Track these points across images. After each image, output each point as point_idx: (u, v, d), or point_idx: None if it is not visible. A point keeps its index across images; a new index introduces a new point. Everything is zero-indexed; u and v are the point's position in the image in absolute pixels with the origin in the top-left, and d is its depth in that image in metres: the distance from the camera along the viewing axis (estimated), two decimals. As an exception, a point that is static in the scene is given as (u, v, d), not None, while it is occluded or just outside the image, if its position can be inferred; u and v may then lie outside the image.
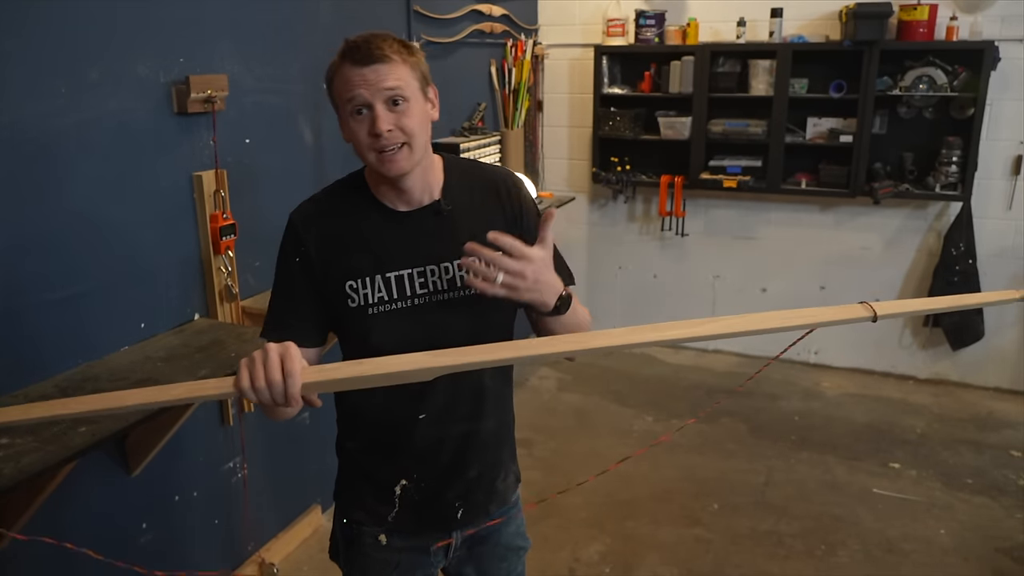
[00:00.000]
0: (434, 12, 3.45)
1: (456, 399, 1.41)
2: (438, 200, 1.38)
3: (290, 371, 1.10)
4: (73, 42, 1.91)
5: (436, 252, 1.36)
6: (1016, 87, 3.83)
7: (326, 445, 3.05)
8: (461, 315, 1.36)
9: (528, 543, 1.64)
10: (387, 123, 1.27)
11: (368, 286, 1.35)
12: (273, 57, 2.58)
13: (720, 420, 3.88)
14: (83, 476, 2.01)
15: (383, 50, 1.26)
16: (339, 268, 1.36)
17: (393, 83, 1.27)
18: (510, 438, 1.57)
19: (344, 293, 1.36)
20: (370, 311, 1.35)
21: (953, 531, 2.96)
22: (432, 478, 1.44)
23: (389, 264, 1.35)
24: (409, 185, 1.35)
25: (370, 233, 1.37)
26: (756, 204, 4.49)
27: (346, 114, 1.30)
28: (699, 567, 2.77)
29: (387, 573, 1.50)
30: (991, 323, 4.11)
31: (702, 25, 4.27)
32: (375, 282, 1.35)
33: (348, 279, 1.36)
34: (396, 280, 1.35)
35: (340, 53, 1.29)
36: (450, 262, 1.36)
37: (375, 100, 1.27)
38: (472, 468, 1.44)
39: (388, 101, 1.27)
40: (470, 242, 1.24)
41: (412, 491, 1.44)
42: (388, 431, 1.44)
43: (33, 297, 1.89)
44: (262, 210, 2.58)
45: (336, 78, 1.30)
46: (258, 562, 2.72)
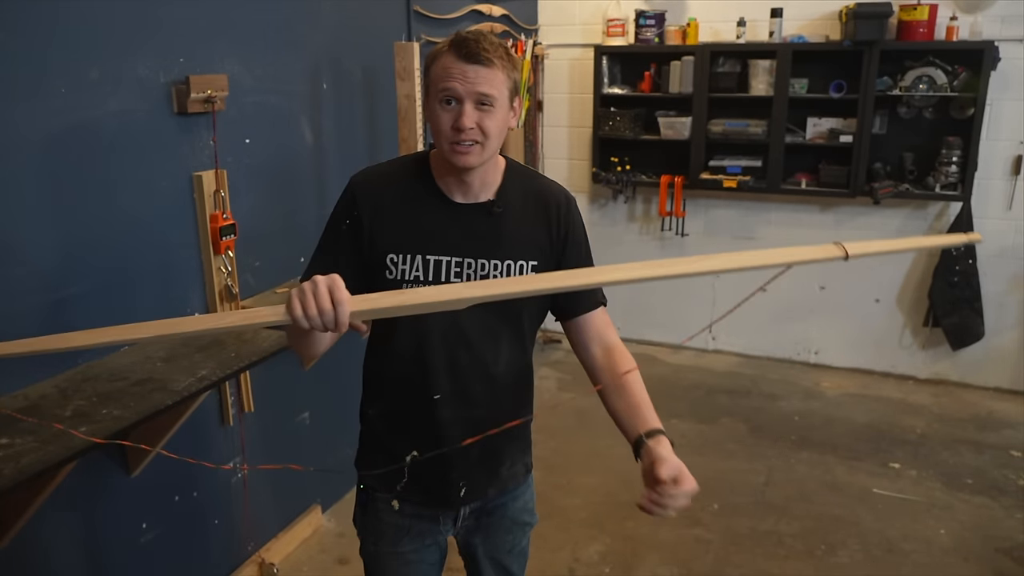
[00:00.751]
0: (434, 12, 3.45)
1: (468, 385, 1.48)
2: (492, 200, 1.45)
3: (339, 299, 1.16)
4: (73, 42, 1.91)
5: (479, 247, 1.44)
6: (1016, 87, 3.83)
7: (326, 445, 3.07)
8: (482, 311, 1.40)
9: (535, 519, 1.70)
10: (471, 120, 1.34)
11: (408, 263, 1.43)
12: (273, 57, 2.58)
13: (720, 420, 3.88)
14: (83, 476, 2.01)
15: (488, 53, 1.34)
16: (386, 239, 1.43)
17: (487, 88, 1.35)
18: (522, 432, 1.62)
19: (384, 264, 1.43)
20: (404, 286, 1.42)
21: (953, 531, 2.96)
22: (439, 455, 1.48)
23: (433, 248, 1.43)
24: (471, 179, 1.43)
25: (422, 215, 1.44)
26: (756, 204, 4.49)
27: (435, 99, 1.36)
28: (699, 567, 2.77)
29: (399, 537, 1.58)
30: (991, 323, 4.11)
31: (702, 25, 4.27)
32: (415, 260, 1.43)
33: (391, 252, 1.43)
34: (435, 264, 1.43)
35: (449, 42, 1.36)
36: (487, 260, 1.43)
37: (466, 97, 1.34)
38: (473, 450, 1.47)
39: (477, 101, 1.35)
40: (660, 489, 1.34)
41: (420, 464, 1.48)
42: (405, 403, 1.51)
43: (33, 297, 1.89)
44: (262, 210, 2.58)
45: (437, 64, 1.37)
46: (258, 562, 2.72)
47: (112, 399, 1.83)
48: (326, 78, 2.83)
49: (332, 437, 3.09)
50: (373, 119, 3.12)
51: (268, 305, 2.04)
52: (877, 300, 4.36)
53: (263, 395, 2.66)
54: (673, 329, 4.81)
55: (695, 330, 4.79)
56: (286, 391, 2.82)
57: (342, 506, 3.16)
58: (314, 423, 2.97)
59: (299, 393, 2.89)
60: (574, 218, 1.52)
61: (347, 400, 3.15)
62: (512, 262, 1.45)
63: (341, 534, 2.99)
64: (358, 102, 3.03)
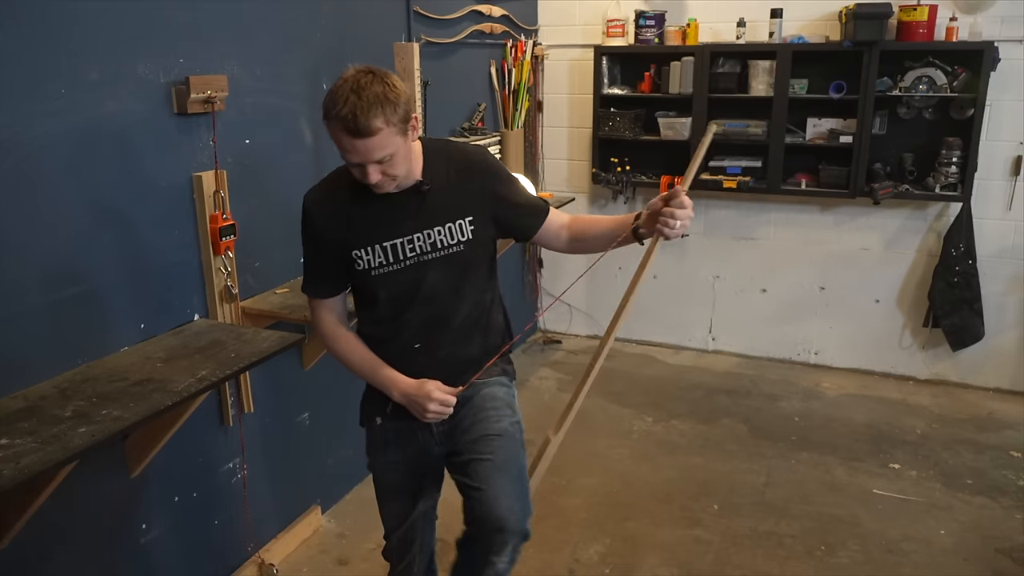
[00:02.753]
0: (434, 12, 3.45)
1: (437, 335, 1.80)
2: (420, 181, 1.72)
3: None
4: (73, 42, 1.91)
5: (420, 223, 1.72)
6: (1016, 87, 3.83)
7: (326, 445, 3.06)
8: (442, 269, 1.74)
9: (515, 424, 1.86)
10: (375, 176, 1.60)
11: (369, 253, 1.72)
12: (273, 57, 2.58)
13: (720, 421, 3.88)
14: (83, 476, 2.01)
15: (372, 125, 1.52)
16: (344, 240, 1.73)
17: (380, 153, 1.57)
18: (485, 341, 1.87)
19: (351, 258, 1.74)
20: (373, 273, 1.73)
21: (953, 532, 2.96)
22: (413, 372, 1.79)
23: (383, 236, 1.72)
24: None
25: (369, 210, 1.71)
26: (756, 205, 4.49)
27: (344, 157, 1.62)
28: (699, 568, 2.77)
29: (385, 448, 1.92)
30: (991, 324, 4.11)
31: (702, 26, 4.27)
32: (374, 250, 1.72)
33: (352, 248, 1.73)
34: (391, 248, 1.72)
35: (334, 117, 1.54)
36: (431, 229, 1.72)
37: (367, 162, 1.58)
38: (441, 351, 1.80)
39: (377, 161, 1.58)
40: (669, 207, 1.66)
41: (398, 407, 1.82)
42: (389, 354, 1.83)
43: (33, 297, 1.89)
44: (262, 210, 2.58)
45: (330, 131, 1.57)
46: (258, 563, 2.72)
47: (112, 399, 1.83)
48: (326, 78, 2.83)
49: (332, 438, 3.10)
50: (373, 119, 3.11)
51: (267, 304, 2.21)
52: (877, 300, 4.36)
53: (263, 395, 2.66)
54: (673, 330, 4.81)
55: (695, 331, 4.80)
56: (286, 391, 2.82)
57: (342, 506, 3.16)
58: (314, 423, 2.97)
59: (299, 393, 2.89)
60: (488, 165, 1.80)
61: (347, 400, 3.15)
62: (452, 223, 1.73)
63: (341, 534, 2.99)
64: (358, 102, 3.03)
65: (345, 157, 1.60)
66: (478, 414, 1.83)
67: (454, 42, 3.65)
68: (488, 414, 1.83)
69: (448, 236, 1.73)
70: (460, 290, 1.77)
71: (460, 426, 1.83)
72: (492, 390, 1.87)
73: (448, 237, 1.73)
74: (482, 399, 1.84)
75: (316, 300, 1.84)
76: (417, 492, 1.94)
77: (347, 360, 1.84)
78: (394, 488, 1.94)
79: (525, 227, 1.86)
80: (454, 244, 1.73)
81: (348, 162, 1.61)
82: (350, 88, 1.52)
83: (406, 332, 1.78)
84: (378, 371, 1.80)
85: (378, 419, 1.88)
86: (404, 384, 1.76)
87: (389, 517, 1.97)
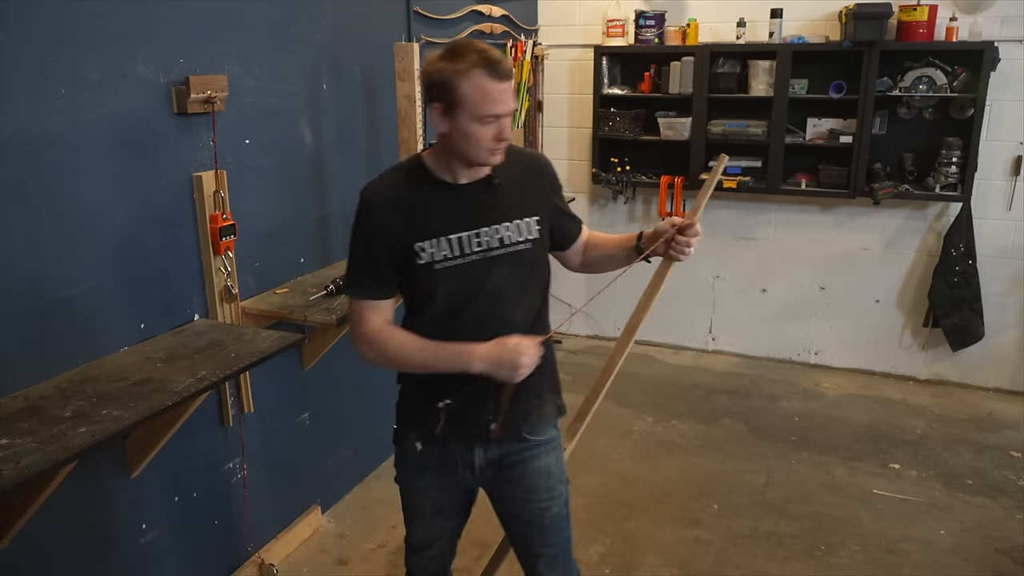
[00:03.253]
0: (434, 12, 3.45)
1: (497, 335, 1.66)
2: (491, 175, 1.66)
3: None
4: (73, 42, 1.91)
5: (490, 217, 1.66)
6: (1016, 87, 3.83)
7: (326, 445, 3.06)
8: (508, 266, 1.67)
9: (565, 491, 1.85)
10: (510, 132, 1.60)
11: (434, 246, 1.63)
12: (273, 57, 2.58)
13: (720, 421, 3.88)
14: (83, 476, 2.01)
15: (510, 71, 1.55)
16: (407, 232, 1.63)
17: (514, 103, 1.58)
18: (550, 371, 1.83)
19: (414, 251, 1.63)
20: (436, 266, 1.64)
21: (953, 532, 2.96)
22: (472, 396, 1.70)
23: (450, 228, 1.64)
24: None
25: (433, 203, 1.65)
26: (756, 205, 4.49)
27: (473, 117, 1.53)
28: (699, 568, 2.77)
29: (421, 473, 1.81)
30: (991, 324, 4.11)
31: (702, 26, 4.27)
32: (439, 242, 1.63)
33: (416, 241, 1.63)
34: (457, 240, 1.64)
35: (474, 62, 1.51)
36: (500, 224, 1.66)
37: (508, 112, 1.56)
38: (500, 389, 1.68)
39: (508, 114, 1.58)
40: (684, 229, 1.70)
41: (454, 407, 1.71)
42: None
43: (33, 297, 1.89)
44: (262, 210, 2.58)
45: (469, 83, 1.51)
46: (258, 563, 2.72)
47: (112, 399, 1.83)
48: (326, 78, 2.83)
49: (332, 438, 3.10)
50: (373, 119, 3.12)
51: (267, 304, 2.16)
52: (877, 301, 4.36)
53: (263, 396, 2.66)
54: (673, 330, 4.81)
55: (695, 331, 4.80)
56: (286, 392, 2.82)
57: (342, 506, 3.16)
58: (314, 423, 2.97)
59: (299, 394, 2.89)
60: (550, 169, 1.80)
61: (347, 401, 3.16)
62: (520, 221, 1.68)
63: (341, 534, 2.99)
64: (358, 102, 3.03)
65: (487, 110, 1.52)
66: (530, 495, 1.79)
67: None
68: (541, 497, 1.79)
69: (516, 233, 1.67)
70: (521, 290, 1.71)
71: (509, 481, 1.79)
72: (546, 462, 1.79)
73: (516, 234, 1.67)
74: (536, 473, 1.78)
75: (363, 302, 1.68)
76: (448, 515, 1.88)
77: (404, 354, 1.66)
78: (425, 510, 1.86)
79: (569, 236, 1.84)
80: (521, 242, 1.68)
81: (488, 116, 1.53)
82: (466, 44, 1.53)
83: (462, 330, 1.65)
84: (443, 349, 1.63)
85: (418, 445, 1.77)
86: (481, 349, 1.60)
87: (417, 533, 1.89)
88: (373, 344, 1.68)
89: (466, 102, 1.52)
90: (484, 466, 1.77)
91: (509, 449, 1.76)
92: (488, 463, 1.77)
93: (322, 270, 2.90)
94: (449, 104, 1.53)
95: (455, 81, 1.51)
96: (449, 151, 1.61)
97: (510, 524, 1.87)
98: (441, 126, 1.58)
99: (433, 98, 1.56)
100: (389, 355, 1.68)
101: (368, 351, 1.70)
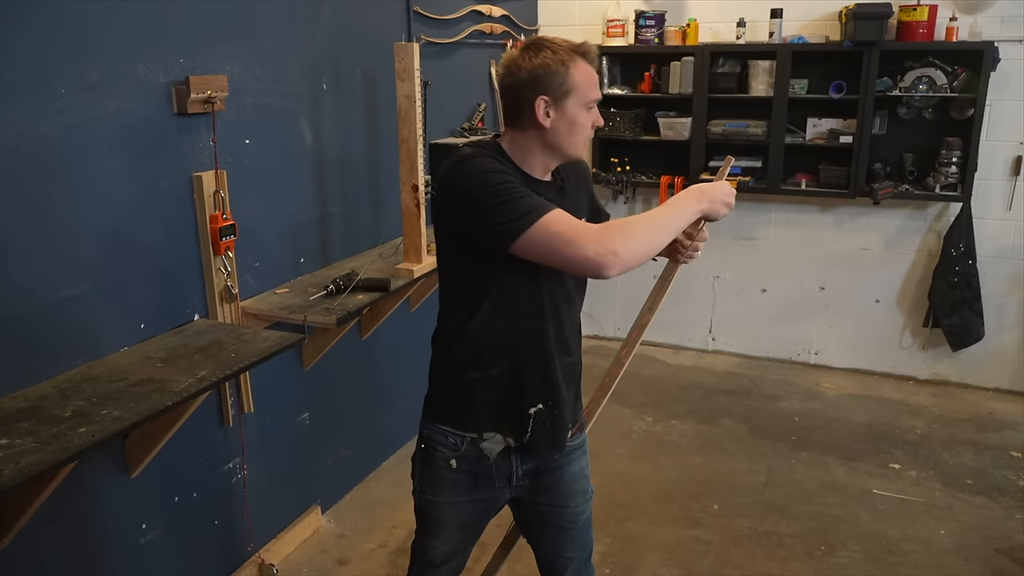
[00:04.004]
0: (434, 12, 3.45)
1: (566, 334, 1.70)
2: (558, 176, 1.69)
3: None
4: (73, 42, 1.91)
5: None
6: (1016, 87, 3.83)
7: (326, 445, 3.06)
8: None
9: (592, 490, 1.87)
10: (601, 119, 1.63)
11: None
12: (273, 57, 2.58)
13: (720, 421, 3.88)
14: (83, 476, 2.01)
15: (597, 59, 1.60)
16: None
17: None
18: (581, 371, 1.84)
19: None
20: None
21: (953, 532, 2.96)
22: (556, 400, 1.69)
23: None
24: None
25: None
26: (756, 205, 4.49)
27: (579, 101, 1.55)
28: (699, 568, 2.77)
29: (454, 489, 1.74)
30: (991, 324, 4.11)
31: (702, 26, 4.27)
32: None
33: None
34: None
35: (574, 50, 1.54)
36: None
37: (600, 99, 1.61)
38: (571, 393, 1.74)
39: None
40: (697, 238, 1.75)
41: (545, 413, 1.68)
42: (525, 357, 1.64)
43: (33, 297, 1.89)
44: (262, 210, 2.58)
45: (577, 71, 1.54)
46: (257, 563, 2.72)
47: (112, 399, 1.83)
48: (326, 78, 2.83)
49: (332, 438, 3.10)
50: (373, 119, 3.12)
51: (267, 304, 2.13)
52: (877, 301, 4.36)
53: (263, 396, 2.66)
54: (673, 330, 4.81)
55: (695, 331, 4.80)
56: (286, 392, 2.82)
57: (342, 506, 3.16)
58: (314, 424, 2.97)
59: (299, 394, 2.89)
60: (589, 171, 1.87)
61: (347, 401, 3.16)
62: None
63: (341, 534, 2.99)
64: (358, 102, 3.03)
65: (594, 95, 1.56)
66: (567, 500, 1.80)
67: (454, 42, 3.65)
68: (577, 501, 1.81)
69: None
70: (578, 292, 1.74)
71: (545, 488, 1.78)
72: (580, 466, 1.81)
73: None
74: (572, 478, 1.80)
75: (557, 212, 1.47)
76: (475, 529, 1.83)
77: (644, 222, 1.49)
78: (453, 525, 1.78)
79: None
80: None
81: (592, 101, 1.56)
82: (549, 38, 1.57)
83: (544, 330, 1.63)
84: (672, 201, 1.56)
85: (453, 462, 1.71)
86: (704, 187, 1.59)
87: (440, 547, 1.79)
88: (614, 230, 1.45)
89: (577, 88, 1.53)
90: (521, 476, 1.74)
91: (545, 457, 1.75)
92: (525, 473, 1.74)
93: (322, 270, 2.90)
94: (558, 94, 1.53)
95: (565, 70, 1.52)
96: (542, 145, 1.58)
97: (543, 531, 1.84)
98: (543, 120, 1.54)
99: (537, 92, 1.53)
100: (635, 229, 1.46)
101: (618, 242, 1.42)
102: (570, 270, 1.52)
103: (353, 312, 2.50)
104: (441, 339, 1.71)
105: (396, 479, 3.33)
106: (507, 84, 1.57)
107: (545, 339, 1.64)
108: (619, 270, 1.42)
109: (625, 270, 1.44)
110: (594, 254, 1.41)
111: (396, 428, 3.48)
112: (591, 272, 1.45)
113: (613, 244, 1.41)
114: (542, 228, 1.43)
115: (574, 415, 1.78)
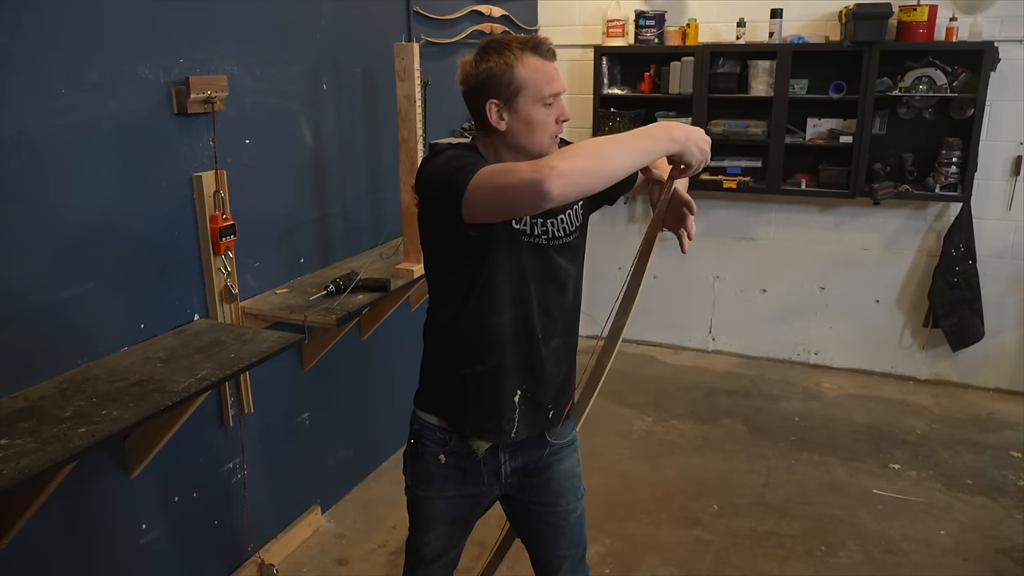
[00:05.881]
0: (434, 13, 3.45)
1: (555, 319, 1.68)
2: None
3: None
4: (73, 42, 1.91)
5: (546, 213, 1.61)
6: (1016, 87, 3.83)
7: (326, 445, 3.06)
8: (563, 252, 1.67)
9: (584, 488, 1.87)
10: (568, 112, 1.61)
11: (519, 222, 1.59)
12: (273, 57, 2.58)
13: (720, 421, 3.88)
14: (83, 476, 2.01)
15: (555, 51, 1.58)
16: None
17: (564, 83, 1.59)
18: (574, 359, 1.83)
19: None
20: (522, 237, 1.60)
21: (953, 532, 2.96)
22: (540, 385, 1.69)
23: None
24: None
25: None
26: (756, 205, 4.49)
27: (535, 100, 1.53)
28: (699, 568, 2.77)
29: (443, 484, 1.75)
30: (991, 324, 4.11)
31: (702, 26, 4.27)
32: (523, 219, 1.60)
33: None
34: (530, 221, 1.61)
35: (521, 46, 1.52)
36: (555, 217, 1.64)
37: (562, 92, 1.57)
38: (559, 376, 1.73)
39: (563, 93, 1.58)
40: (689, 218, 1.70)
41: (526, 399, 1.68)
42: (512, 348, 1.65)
43: (33, 297, 1.89)
44: (262, 210, 2.58)
45: (525, 67, 1.52)
46: (258, 563, 2.72)
47: (112, 399, 1.83)
48: (326, 78, 2.83)
49: (332, 438, 3.10)
50: (373, 119, 3.12)
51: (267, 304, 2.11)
52: (877, 301, 4.36)
53: (263, 396, 2.66)
54: (673, 330, 4.81)
55: (695, 331, 4.80)
56: (286, 392, 2.82)
57: (342, 506, 3.16)
58: (314, 423, 2.97)
59: (299, 394, 2.89)
60: None
61: (347, 401, 3.16)
62: (571, 210, 1.67)
63: (341, 534, 2.99)
64: (358, 102, 3.03)
65: (548, 90, 1.53)
66: (558, 499, 1.80)
67: (454, 42, 3.65)
68: (568, 500, 1.81)
69: (568, 221, 1.67)
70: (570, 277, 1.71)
71: (536, 487, 1.78)
72: (570, 464, 1.81)
73: (568, 221, 1.67)
74: (562, 476, 1.79)
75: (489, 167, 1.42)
76: (465, 525, 1.84)
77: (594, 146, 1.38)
78: (444, 521, 1.79)
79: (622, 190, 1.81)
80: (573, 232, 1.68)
81: (549, 96, 1.53)
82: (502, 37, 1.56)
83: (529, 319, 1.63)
84: (639, 130, 1.45)
85: (441, 457, 1.72)
86: (679, 124, 1.49)
87: (432, 544, 1.81)
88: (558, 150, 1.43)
89: (526, 86, 1.51)
90: (510, 472, 1.75)
91: (533, 455, 1.75)
92: (514, 469, 1.75)
93: (322, 270, 2.90)
94: (507, 95, 1.51)
95: (510, 70, 1.51)
96: (507, 147, 1.57)
97: (536, 530, 1.84)
98: (499, 124, 1.53)
99: (487, 97, 1.52)
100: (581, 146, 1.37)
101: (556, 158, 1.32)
102: (515, 206, 1.38)
103: (353, 312, 2.51)
104: (432, 332, 1.73)
105: (396, 479, 3.31)
106: (463, 91, 1.58)
107: (532, 329, 1.64)
108: (560, 184, 1.27)
109: (570, 186, 1.29)
110: (530, 171, 1.30)
111: (396, 428, 3.48)
112: (532, 195, 1.29)
113: (551, 159, 1.31)
114: (483, 175, 1.38)
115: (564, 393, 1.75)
